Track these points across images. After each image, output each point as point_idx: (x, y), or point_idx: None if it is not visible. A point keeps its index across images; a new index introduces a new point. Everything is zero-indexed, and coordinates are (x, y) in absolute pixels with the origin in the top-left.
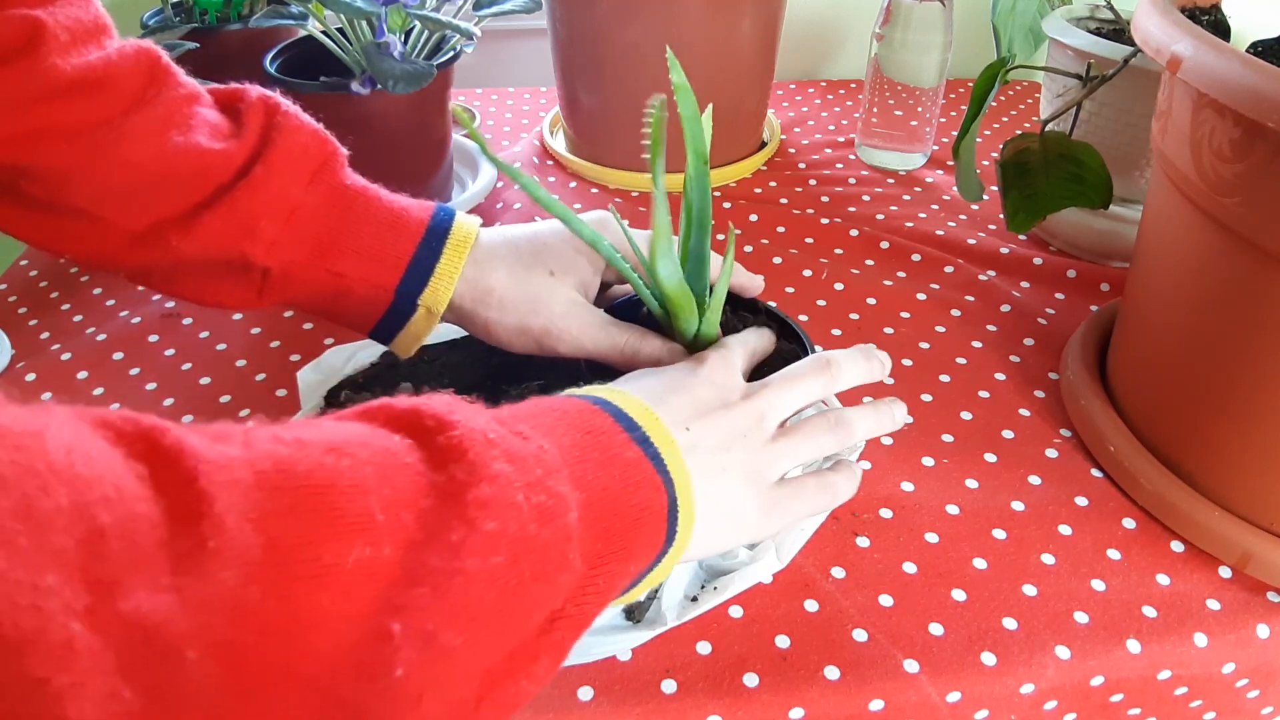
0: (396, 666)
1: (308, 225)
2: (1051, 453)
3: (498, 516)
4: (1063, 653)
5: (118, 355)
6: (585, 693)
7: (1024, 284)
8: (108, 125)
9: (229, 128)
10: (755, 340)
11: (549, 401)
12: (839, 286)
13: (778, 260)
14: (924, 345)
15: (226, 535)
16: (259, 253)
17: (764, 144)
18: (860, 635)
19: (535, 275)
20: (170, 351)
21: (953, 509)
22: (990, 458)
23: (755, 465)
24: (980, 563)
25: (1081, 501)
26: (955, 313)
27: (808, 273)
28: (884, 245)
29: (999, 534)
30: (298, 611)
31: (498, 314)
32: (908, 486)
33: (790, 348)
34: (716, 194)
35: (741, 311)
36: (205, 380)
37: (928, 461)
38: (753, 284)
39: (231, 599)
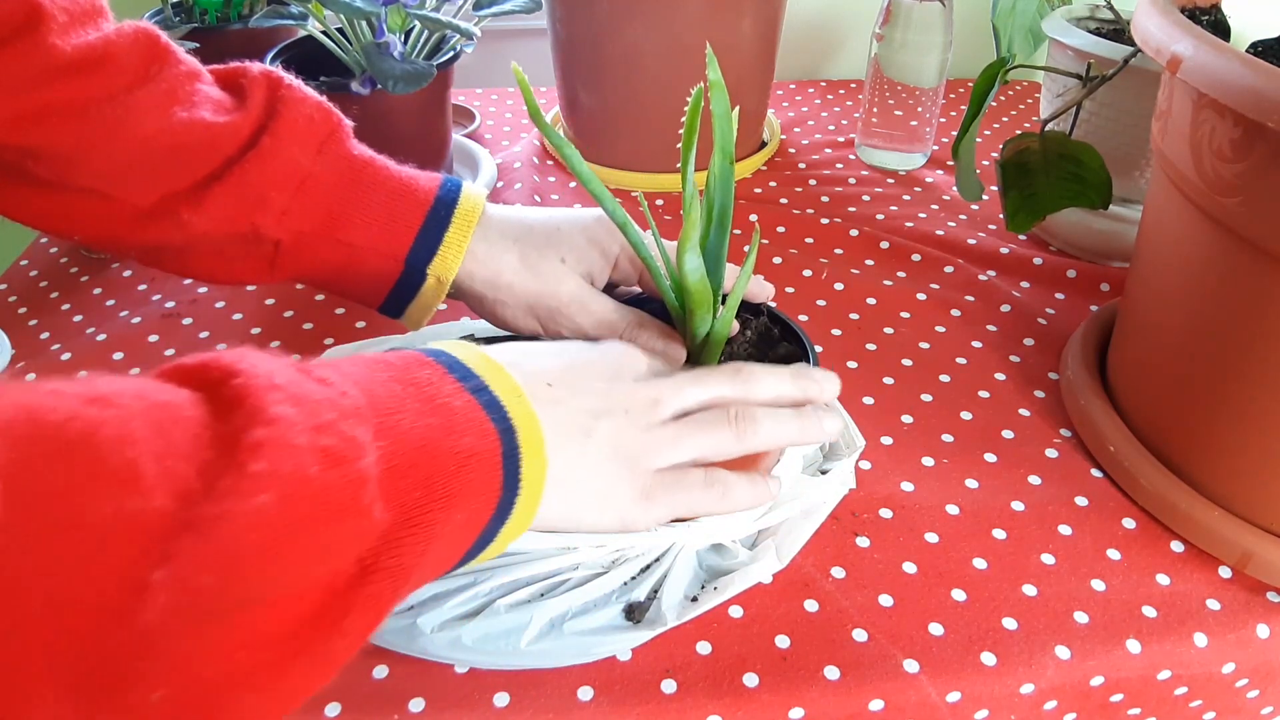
0: (147, 611)
1: (318, 195)
2: (1051, 453)
3: (269, 458)
4: (1063, 653)
5: (118, 355)
6: (585, 693)
7: (1024, 284)
8: (111, 101)
9: (232, 102)
10: (675, 364)
11: (379, 354)
12: (839, 286)
13: (778, 260)
14: (924, 345)
15: None
16: (270, 223)
17: (764, 144)
18: (860, 635)
19: (547, 259)
20: (170, 351)
21: (953, 509)
22: (990, 458)
23: (631, 444)
24: (980, 563)
25: (1081, 501)
26: (955, 313)
27: (808, 273)
28: (884, 245)
29: (999, 534)
30: (42, 563)
31: (507, 294)
32: (908, 486)
33: (790, 349)
34: None
35: (743, 313)
36: None
37: (928, 461)
38: (764, 291)
39: None
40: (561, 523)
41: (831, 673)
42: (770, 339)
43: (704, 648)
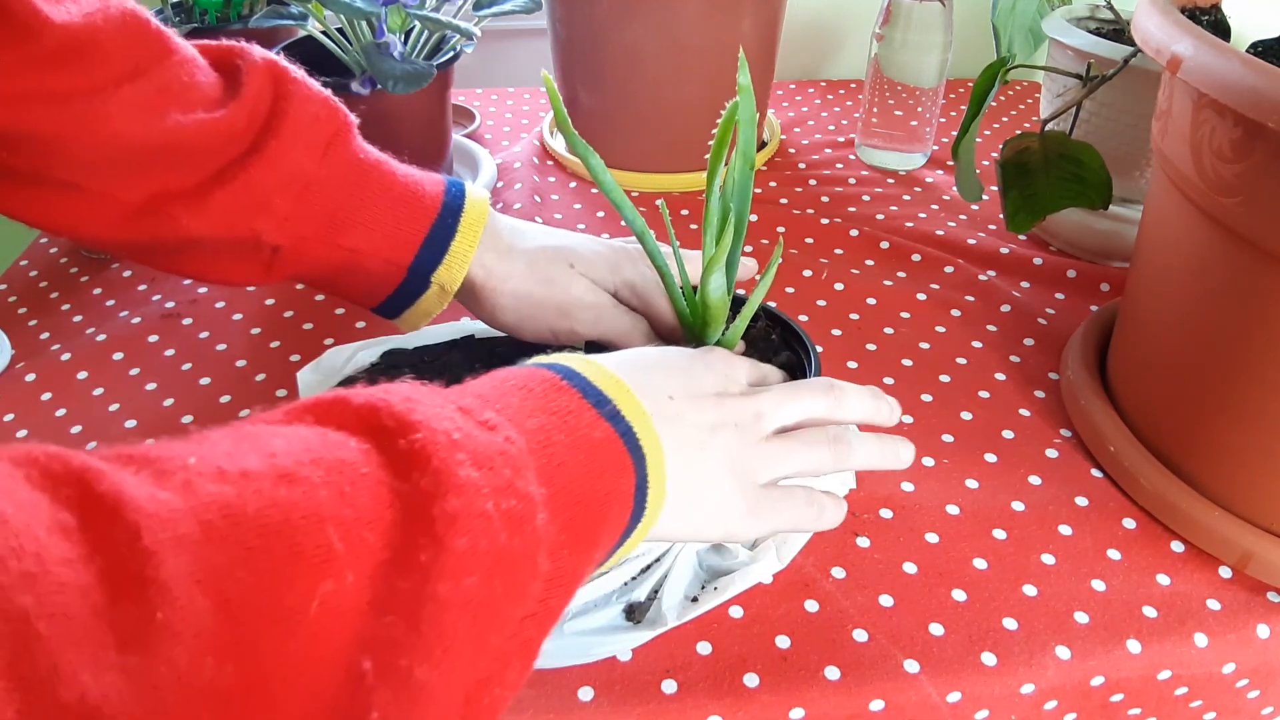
0: (372, 710)
1: (321, 200)
2: (1051, 453)
3: (468, 531)
4: (1063, 653)
5: (118, 355)
6: (585, 693)
7: (1024, 284)
8: (98, 94)
9: (226, 91)
10: (767, 369)
11: (515, 376)
12: (839, 286)
13: (779, 260)
14: (924, 345)
15: (175, 605)
16: (270, 228)
17: (764, 144)
18: (860, 635)
19: (556, 264)
20: (170, 351)
21: (953, 509)
22: (990, 458)
23: (743, 458)
24: (980, 563)
25: (1081, 501)
26: (955, 313)
27: (808, 273)
28: (884, 245)
29: (999, 534)
30: (262, 668)
31: (510, 299)
32: (908, 486)
33: (789, 355)
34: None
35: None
36: (205, 380)
37: (928, 461)
38: (747, 271)
39: (186, 676)
40: (671, 536)
41: (832, 673)
42: (769, 341)
43: (704, 648)
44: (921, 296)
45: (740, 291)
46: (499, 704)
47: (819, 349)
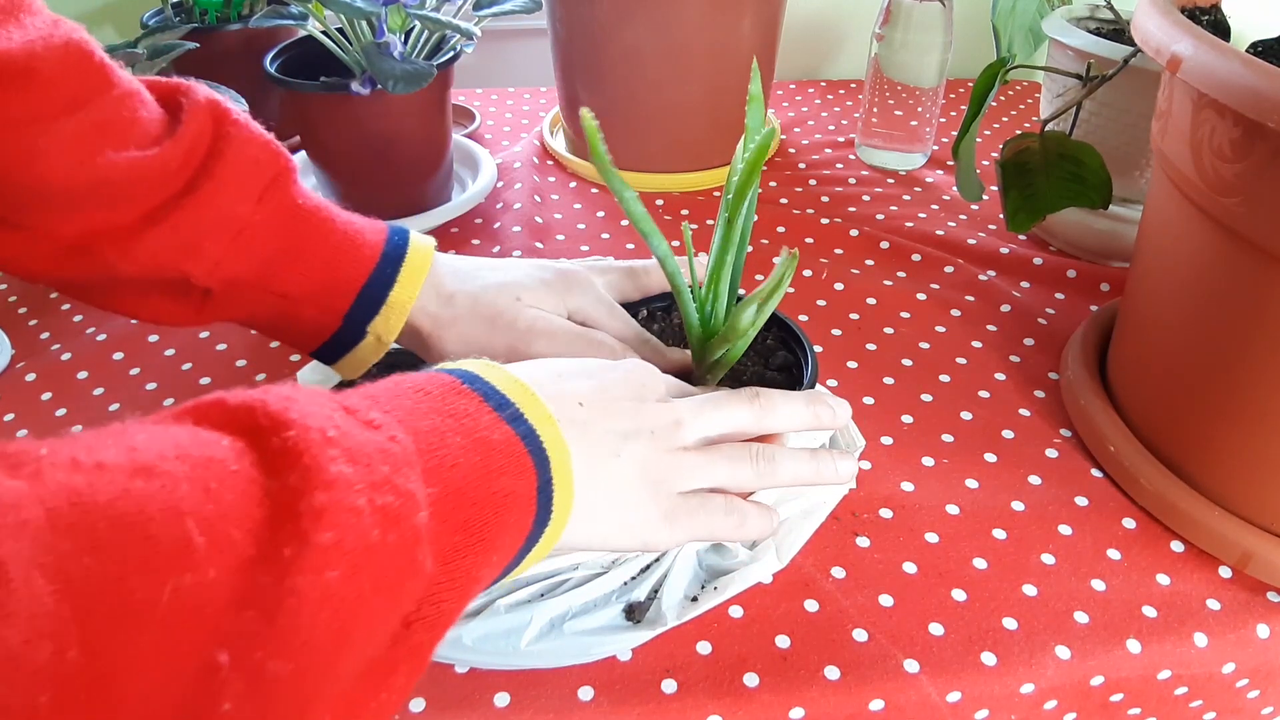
0: (223, 701)
1: (255, 245)
2: (1051, 453)
3: (334, 526)
4: (1063, 653)
5: (118, 355)
6: (585, 693)
7: (1024, 284)
8: (34, 125)
9: (166, 129)
10: (691, 388)
11: (414, 379)
12: (839, 286)
13: (778, 260)
14: (924, 345)
15: (9, 586)
16: (201, 273)
17: None
18: (860, 635)
19: (501, 300)
20: (170, 351)
21: (953, 509)
22: (990, 458)
23: (658, 466)
24: (980, 563)
25: (1081, 501)
26: (955, 313)
27: (808, 273)
28: (884, 245)
29: (999, 534)
30: (109, 657)
31: (457, 345)
32: (908, 486)
33: (787, 356)
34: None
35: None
36: (205, 380)
37: (928, 461)
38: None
39: (21, 657)
40: (583, 544)
41: (832, 673)
42: (765, 344)
43: (704, 648)
44: (921, 296)
45: (740, 291)
46: (386, 709)
47: (818, 349)
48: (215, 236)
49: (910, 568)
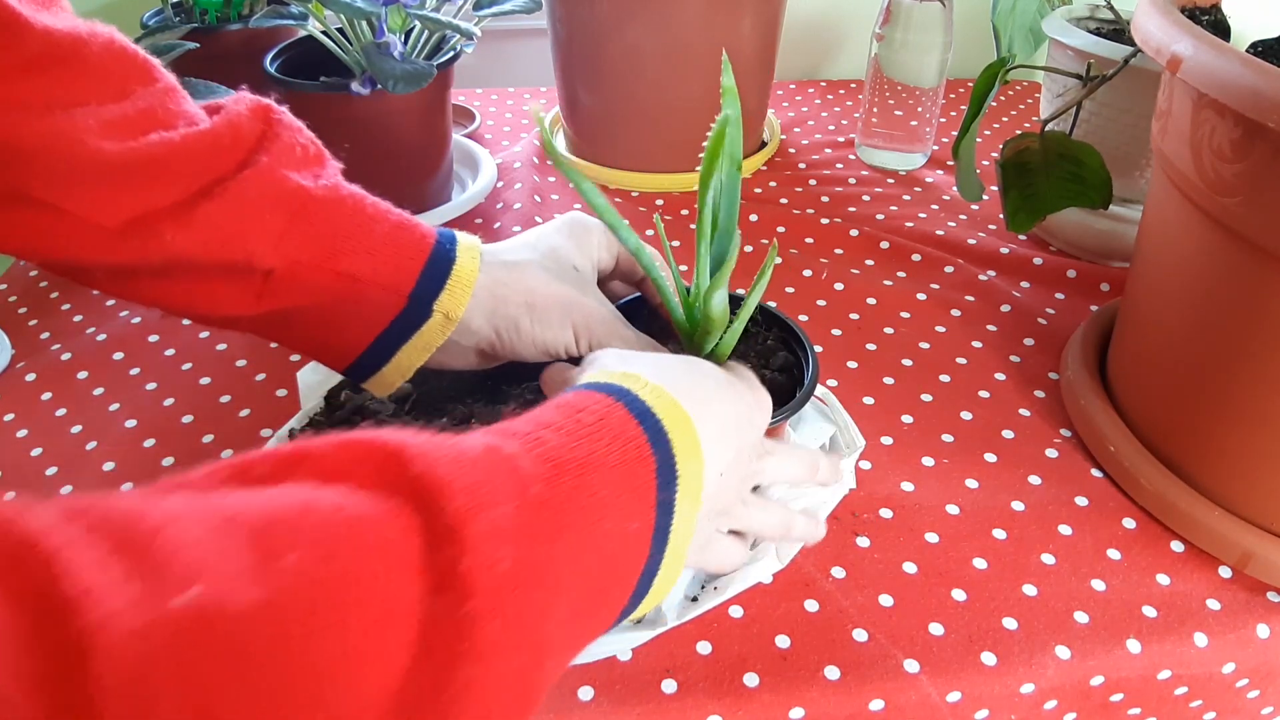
0: None
1: (317, 222)
2: (1051, 453)
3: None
4: (1063, 653)
5: (118, 355)
6: (585, 693)
7: (1024, 284)
8: (79, 108)
9: (213, 114)
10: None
11: (597, 424)
12: (839, 286)
13: (778, 260)
14: (924, 345)
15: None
16: (263, 249)
17: (764, 144)
18: (860, 635)
19: (565, 275)
20: (170, 351)
21: (953, 509)
22: (990, 458)
23: (724, 510)
24: (980, 563)
25: (1081, 501)
26: (955, 313)
27: (808, 273)
28: (884, 245)
29: (999, 534)
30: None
31: (532, 327)
32: (908, 486)
33: (787, 356)
34: None
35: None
36: (205, 380)
37: (928, 461)
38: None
39: None
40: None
41: (832, 673)
42: (765, 344)
43: (704, 648)
44: (921, 296)
45: (740, 291)
46: None
47: (818, 349)
48: (276, 210)
49: (910, 568)
